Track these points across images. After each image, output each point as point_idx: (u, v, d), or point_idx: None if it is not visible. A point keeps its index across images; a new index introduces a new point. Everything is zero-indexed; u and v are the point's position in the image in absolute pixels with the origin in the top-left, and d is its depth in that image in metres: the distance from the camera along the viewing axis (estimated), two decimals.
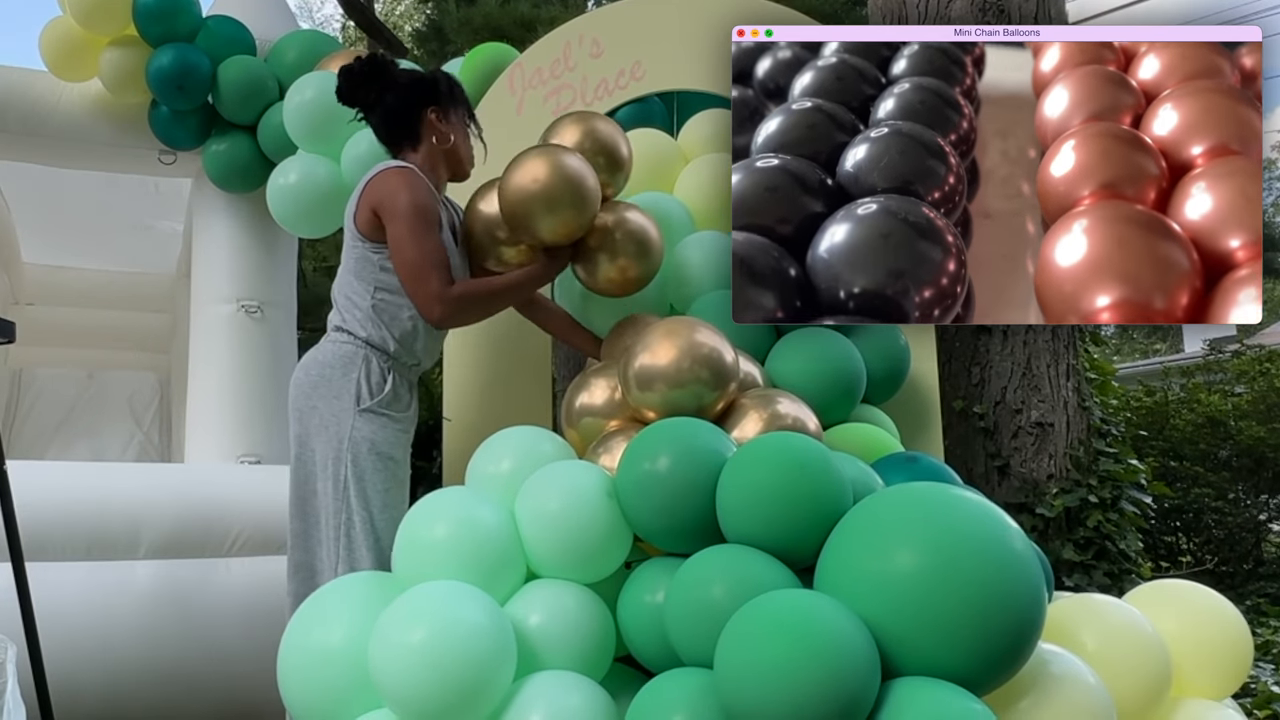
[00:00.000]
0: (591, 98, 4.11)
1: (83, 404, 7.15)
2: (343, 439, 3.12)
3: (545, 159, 3.25)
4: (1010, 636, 2.02)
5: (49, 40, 5.16)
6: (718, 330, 2.94)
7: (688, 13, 4.12)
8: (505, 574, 2.61)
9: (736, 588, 2.23)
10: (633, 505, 2.59)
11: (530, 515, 2.66)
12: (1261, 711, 4.38)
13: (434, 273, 3.15)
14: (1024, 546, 2.08)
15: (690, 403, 2.83)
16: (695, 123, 4.08)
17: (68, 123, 5.35)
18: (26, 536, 3.54)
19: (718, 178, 3.80)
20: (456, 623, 2.34)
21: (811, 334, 3.37)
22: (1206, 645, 2.65)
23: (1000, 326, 4.76)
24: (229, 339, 5.35)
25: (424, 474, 8.06)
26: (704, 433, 2.63)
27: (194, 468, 5.12)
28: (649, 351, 2.87)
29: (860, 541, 2.20)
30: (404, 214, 3.17)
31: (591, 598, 2.63)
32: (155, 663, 4.30)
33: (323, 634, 2.55)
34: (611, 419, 3.07)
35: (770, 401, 2.92)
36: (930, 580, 2.02)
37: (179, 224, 7.16)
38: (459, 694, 2.27)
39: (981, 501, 2.18)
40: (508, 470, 2.83)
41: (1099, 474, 4.75)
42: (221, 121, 5.30)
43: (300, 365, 3.30)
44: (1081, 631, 2.43)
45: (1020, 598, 2.02)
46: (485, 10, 10.28)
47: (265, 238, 5.52)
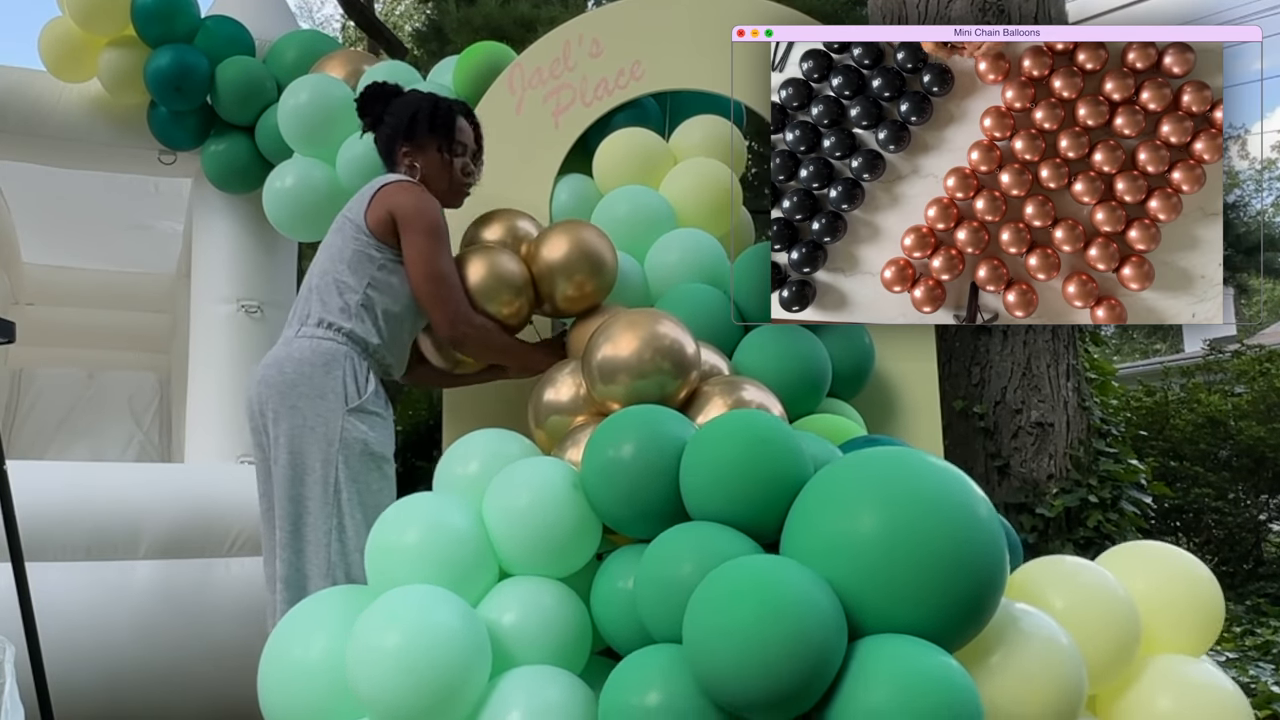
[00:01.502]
0: (591, 97, 4.11)
1: (83, 404, 7.14)
2: (333, 440, 3.08)
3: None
4: (973, 592, 2.06)
5: (48, 41, 5.16)
6: (679, 321, 2.98)
7: (687, 13, 4.13)
8: (477, 574, 2.62)
9: (704, 563, 2.25)
10: (598, 493, 2.60)
11: (498, 513, 2.67)
12: (1262, 712, 4.38)
13: (458, 293, 3.25)
14: (985, 508, 2.12)
15: (654, 392, 2.86)
16: (688, 127, 4.09)
17: (67, 123, 5.35)
18: (26, 536, 3.55)
19: (704, 180, 3.84)
20: (430, 627, 2.34)
21: (778, 330, 3.40)
22: (1177, 603, 2.68)
23: (1000, 326, 4.76)
24: (229, 339, 5.34)
25: (424, 474, 8.07)
26: (666, 419, 2.65)
27: (194, 468, 5.12)
28: (611, 343, 2.90)
29: (822, 505, 2.24)
30: (429, 229, 3.24)
31: (565, 592, 2.64)
32: (155, 662, 4.30)
33: (302, 648, 2.55)
34: (578, 415, 3.08)
35: (735, 388, 2.95)
36: (892, 539, 2.06)
37: (179, 224, 7.15)
38: (435, 697, 2.29)
39: (940, 462, 2.22)
40: (475, 472, 2.84)
41: (1099, 474, 4.75)
42: (220, 122, 5.29)
43: (270, 364, 3.22)
44: (1050, 592, 2.48)
45: (981, 553, 2.06)
46: (485, 10, 10.30)
47: (265, 238, 5.51)
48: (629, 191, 3.82)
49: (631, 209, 3.76)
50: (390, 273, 3.26)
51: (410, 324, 3.39)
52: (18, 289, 7.20)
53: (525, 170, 4.05)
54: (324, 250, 3.35)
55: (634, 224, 3.73)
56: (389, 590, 2.51)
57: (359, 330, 3.19)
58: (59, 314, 7.43)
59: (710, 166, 3.88)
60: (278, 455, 3.13)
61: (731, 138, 3.91)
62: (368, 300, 3.22)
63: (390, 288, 3.26)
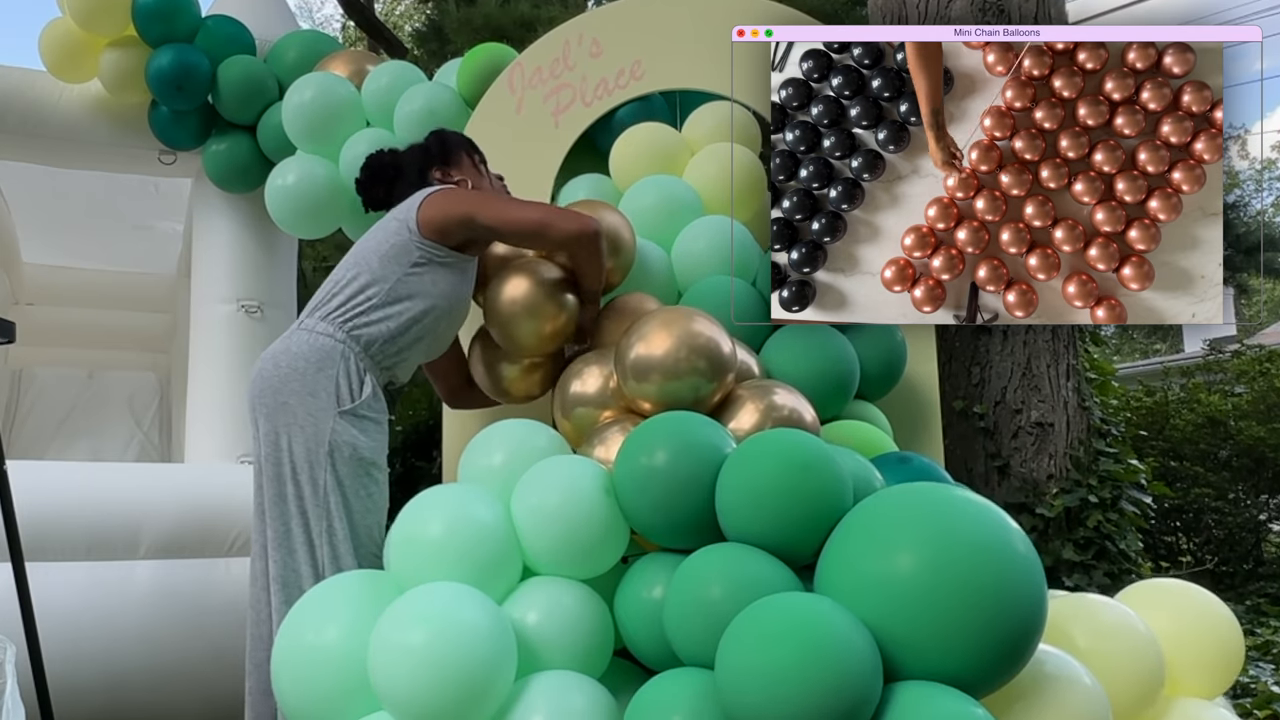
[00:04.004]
0: (591, 97, 4.11)
1: (83, 404, 7.15)
2: (322, 442, 3.01)
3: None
4: (1012, 639, 2.01)
5: (49, 41, 5.16)
6: (714, 320, 2.94)
7: (687, 12, 4.13)
8: (502, 571, 2.59)
9: (736, 588, 2.23)
10: (630, 501, 2.58)
11: (527, 512, 2.64)
12: (1261, 711, 4.38)
13: (553, 210, 3.42)
14: (1025, 548, 2.07)
15: (687, 394, 2.83)
16: (699, 115, 4.06)
17: (68, 123, 5.35)
18: (26, 536, 3.55)
19: (725, 165, 3.81)
20: (458, 625, 2.31)
21: (807, 329, 3.36)
22: (1199, 644, 2.64)
23: (1000, 326, 4.76)
24: (229, 339, 5.35)
25: (424, 474, 8.09)
26: (702, 427, 2.62)
27: (194, 468, 5.12)
28: (644, 342, 2.86)
29: (861, 543, 2.18)
30: (489, 200, 3.34)
31: (589, 594, 2.62)
32: (155, 662, 4.31)
33: (317, 635, 2.52)
34: (605, 409, 3.05)
35: (767, 393, 2.91)
36: (932, 583, 2.00)
37: (179, 224, 7.16)
38: (461, 697, 2.26)
39: (982, 502, 2.16)
40: (501, 464, 2.81)
41: (1099, 474, 4.75)
42: (221, 121, 5.30)
43: (267, 356, 3.15)
44: (1074, 630, 2.42)
45: (1022, 600, 2.00)
46: (485, 10, 10.30)
47: (265, 238, 5.52)
48: (655, 181, 3.79)
49: (658, 198, 3.72)
50: (426, 271, 3.19)
51: (431, 331, 3.29)
52: (18, 289, 7.20)
53: (525, 170, 4.05)
54: (358, 246, 3.31)
55: (660, 213, 3.70)
56: (412, 584, 2.49)
57: (368, 327, 3.13)
58: (59, 314, 7.43)
59: (727, 150, 3.84)
60: (266, 452, 3.07)
61: (732, 121, 3.90)
62: (393, 294, 3.15)
63: (422, 286, 3.19)
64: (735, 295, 3.40)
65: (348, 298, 3.15)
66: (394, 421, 9.05)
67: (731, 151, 3.77)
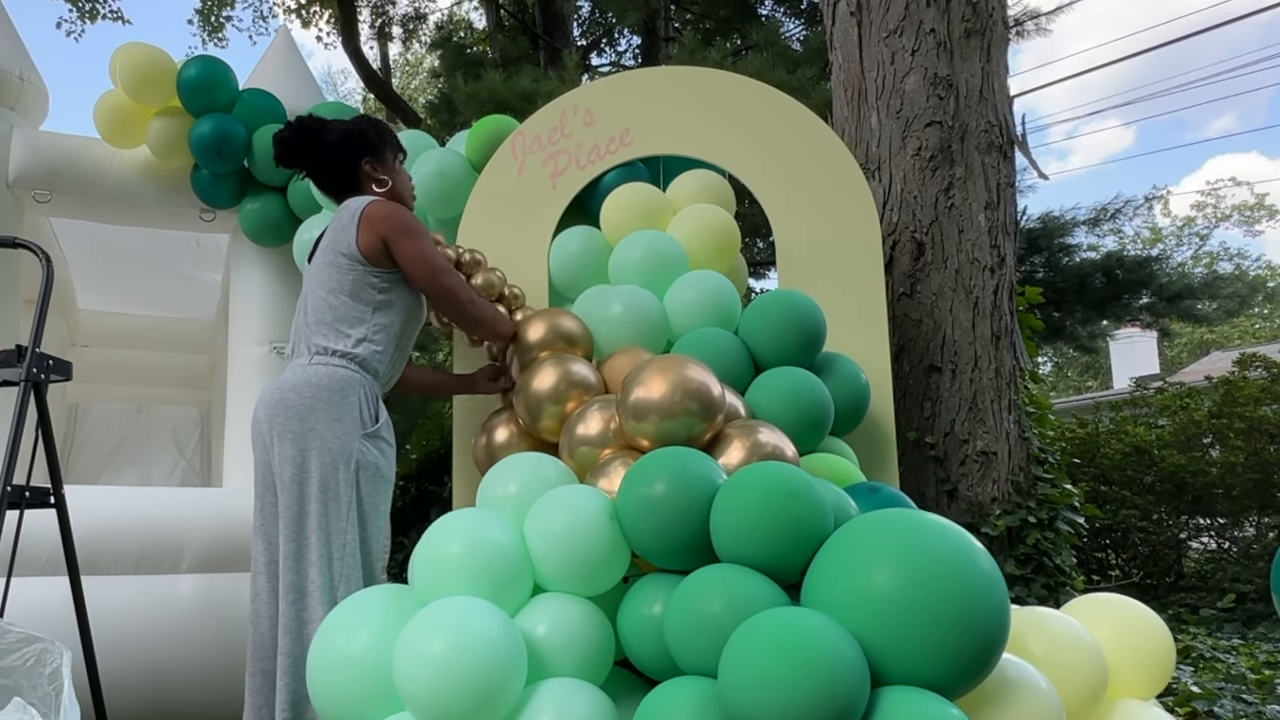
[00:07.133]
0: (585, 161, 4.14)
1: (132, 435, 7.15)
2: (349, 462, 3.03)
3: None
4: (982, 646, 2.02)
5: (102, 111, 5.17)
6: (705, 366, 2.95)
7: (671, 86, 4.16)
8: (515, 588, 2.60)
9: (732, 603, 2.24)
10: (632, 526, 2.59)
11: (539, 535, 2.65)
12: (1182, 709, 4.40)
13: (459, 278, 3.40)
14: (990, 566, 2.08)
15: (682, 432, 2.84)
16: (682, 180, 4.08)
17: (119, 184, 5.35)
18: (82, 553, 3.57)
19: (703, 223, 3.83)
20: (474, 635, 2.31)
21: (786, 372, 3.40)
22: (1136, 651, 2.65)
23: (950, 366, 4.78)
24: (262, 376, 5.33)
25: (436, 497, 8.07)
26: (696, 461, 2.62)
27: (231, 492, 5.10)
28: (643, 386, 2.88)
29: (846, 563, 2.19)
30: (416, 232, 3.24)
31: (594, 610, 2.63)
32: (195, 664, 4.33)
33: (348, 642, 2.51)
34: (605, 448, 3.05)
35: (752, 431, 2.92)
36: (911, 597, 2.01)
37: (218, 274, 7.16)
38: (476, 700, 2.25)
39: (950, 525, 2.17)
40: (515, 492, 2.82)
41: (1037, 497, 4.76)
42: (255, 183, 5.30)
43: (287, 387, 3.11)
44: (1029, 640, 2.44)
45: (990, 612, 2.02)
46: (490, 85, 10.32)
47: (295, 286, 5.51)
48: (644, 236, 3.78)
49: (646, 252, 3.72)
50: (389, 291, 3.23)
51: (411, 330, 3.38)
52: (74, 332, 7.21)
53: (526, 226, 4.08)
54: (317, 283, 3.26)
55: (649, 265, 3.69)
56: (434, 598, 2.50)
57: (369, 357, 3.17)
58: (111, 355, 7.45)
59: (712, 211, 3.86)
60: (290, 473, 3.04)
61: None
62: (378, 325, 3.20)
63: (391, 305, 3.24)
64: (724, 348, 3.44)
65: (344, 336, 3.17)
66: (409, 450, 9.04)
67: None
